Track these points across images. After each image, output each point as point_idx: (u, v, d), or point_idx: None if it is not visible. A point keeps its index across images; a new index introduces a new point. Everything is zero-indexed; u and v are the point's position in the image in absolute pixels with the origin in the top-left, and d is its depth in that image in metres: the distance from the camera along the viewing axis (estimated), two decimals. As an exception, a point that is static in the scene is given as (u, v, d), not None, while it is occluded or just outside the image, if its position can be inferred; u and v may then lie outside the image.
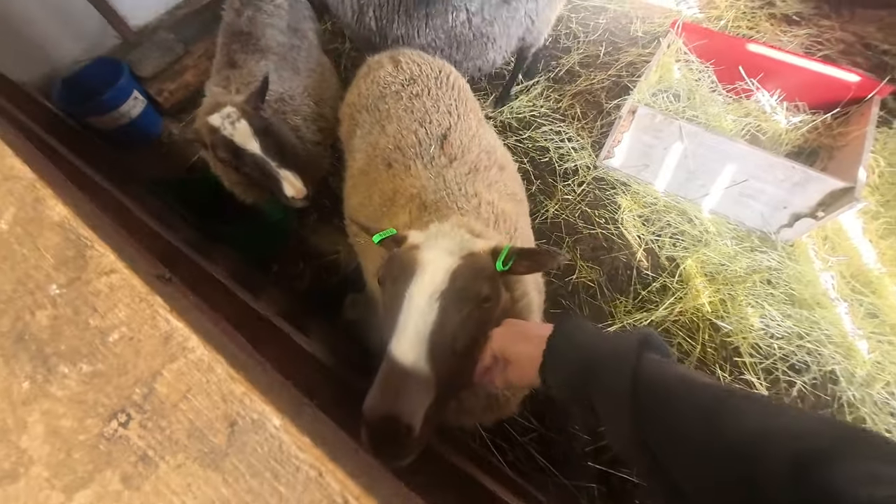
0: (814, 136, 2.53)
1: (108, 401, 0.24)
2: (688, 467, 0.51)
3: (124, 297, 0.27)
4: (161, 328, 0.27)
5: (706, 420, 0.50)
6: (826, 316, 2.16)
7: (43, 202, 0.32)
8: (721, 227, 2.47)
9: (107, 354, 0.25)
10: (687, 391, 0.54)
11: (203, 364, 0.25)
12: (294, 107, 2.07)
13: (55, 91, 2.64)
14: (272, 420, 0.23)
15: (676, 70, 2.74)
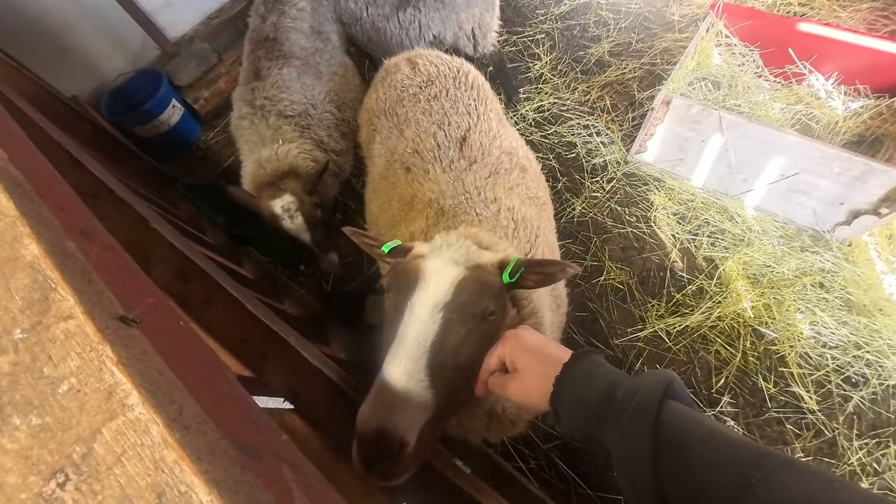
0: (877, 122, 2.26)
1: (51, 458, 0.23)
2: None
3: (77, 346, 0.27)
4: (106, 381, 0.26)
5: (739, 488, 0.44)
6: (889, 324, 1.94)
7: (20, 240, 0.33)
8: (767, 225, 2.28)
9: (55, 407, 0.25)
10: (716, 451, 0.49)
11: (140, 425, 0.24)
12: (317, 118, 2.13)
13: (103, 103, 2.83)
14: (199, 494, 0.22)
15: (717, 55, 2.53)
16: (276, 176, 1.92)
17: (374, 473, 0.64)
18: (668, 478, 0.50)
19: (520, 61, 3.17)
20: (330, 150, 2.15)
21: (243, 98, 2.07)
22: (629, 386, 0.59)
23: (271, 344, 0.79)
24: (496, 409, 0.98)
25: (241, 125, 2.08)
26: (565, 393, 0.65)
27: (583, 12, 3.33)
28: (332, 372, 0.80)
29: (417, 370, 0.69)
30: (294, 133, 2.03)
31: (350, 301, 2.23)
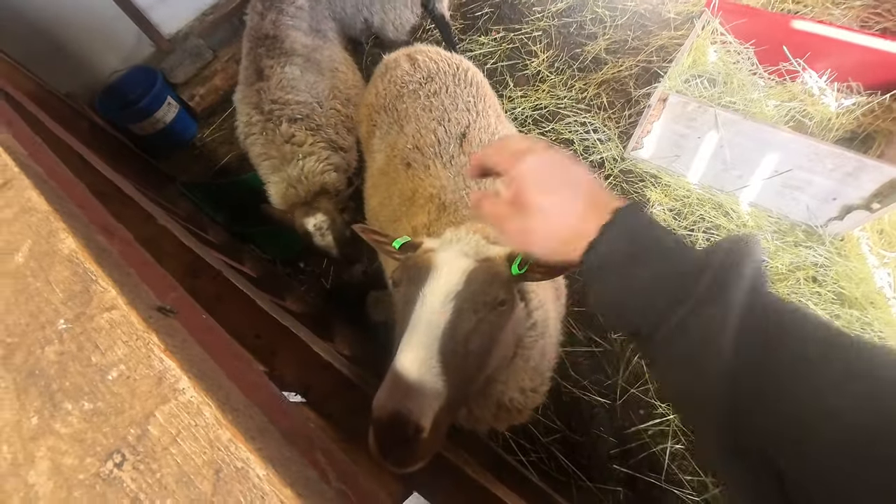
0: (869, 119, 2.31)
1: (106, 440, 0.24)
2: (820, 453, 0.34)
3: (123, 335, 0.28)
4: (155, 367, 0.27)
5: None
6: (881, 317, 1.99)
7: (55, 235, 0.33)
8: (761, 220, 2.32)
9: (105, 393, 0.26)
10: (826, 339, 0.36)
11: (192, 407, 0.25)
12: (324, 116, 2.11)
13: (97, 101, 2.80)
14: (256, 469, 0.23)
15: (712, 53, 2.56)
16: (309, 196, 1.98)
17: (391, 459, 0.65)
18: (754, 376, 0.37)
19: (517, 59, 3.18)
20: (339, 148, 2.15)
21: (249, 101, 2.03)
22: (716, 249, 0.44)
23: (282, 339, 0.80)
24: (504, 400, 1.01)
25: (250, 134, 2.04)
26: (614, 244, 0.48)
27: (579, 10, 3.34)
28: (342, 366, 0.81)
29: (430, 357, 0.70)
30: (307, 137, 2.02)
31: (352, 297, 2.24)
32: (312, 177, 1.98)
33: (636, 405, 2.01)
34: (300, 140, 2.01)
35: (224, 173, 3.01)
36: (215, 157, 3.12)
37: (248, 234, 2.30)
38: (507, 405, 1.03)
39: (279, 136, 1.98)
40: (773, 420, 0.37)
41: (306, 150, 2.01)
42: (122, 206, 0.81)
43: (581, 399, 2.04)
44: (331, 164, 2.06)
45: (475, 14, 3.51)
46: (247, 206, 2.17)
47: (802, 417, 0.35)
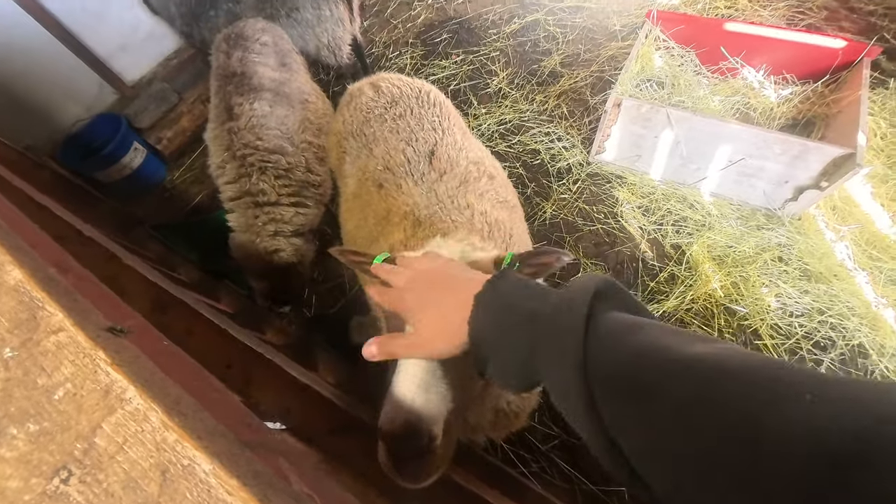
0: (807, 106, 2.48)
1: (52, 458, 0.24)
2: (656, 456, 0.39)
3: (70, 354, 0.28)
4: (102, 381, 0.27)
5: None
6: (845, 287, 2.08)
7: (1, 268, 0.33)
8: (724, 208, 2.43)
9: (52, 412, 0.26)
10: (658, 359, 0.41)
11: (139, 414, 0.25)
12: (295, 156, 2.12)
13: (59, 151, 2.76)
14: (202, 465, 0.23)
15: (657, 58, 2.73)
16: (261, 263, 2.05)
17: (406, 474, 0.62)
18: (604, 398, 0.43)
19: (478, 78, 3.31)
20: (311, 185, 2.17)
21: (221, 141, 2.03)
22: (556, 301, 0.51)
23: (256, 366, 0.79)
24: (501, 405, 1.00)
25: (223, 178, 2.05)
26: (480, 324, 0.56)
27: (532, 29, 3.53)
28: (321, 387, 0.80)
29: (431, 362, 0.67)
30: (276, 188, 2.04)
31: (335, 324, 2.21)
32: (264, 253, 2.03)
33: (629, 401, 2.02)
34: (268, 193, 2.02)
35: (197, 213, 2.98)
36: (187, 197, 3.10)
37: (223, 270, 2.26)
38: (505, 409, 1.03)
39: (249, 189, 2.00)
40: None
41: (265, 220, 2.03)
42: (81, 246, 0.79)
43: (575, 401, 2.04)
44: (286, 245, 2.09)
45: (434, 40, 3.66)
46: (220, 243, 2.15)
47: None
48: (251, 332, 1.17)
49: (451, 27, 3.70)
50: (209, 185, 2.40)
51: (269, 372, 0.78)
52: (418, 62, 3.54)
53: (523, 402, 1.11)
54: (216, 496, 0.22)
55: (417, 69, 3.49)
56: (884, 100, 2.51)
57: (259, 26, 2.31)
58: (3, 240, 0.35)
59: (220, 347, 0.79)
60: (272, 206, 2.04)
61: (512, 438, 1.96)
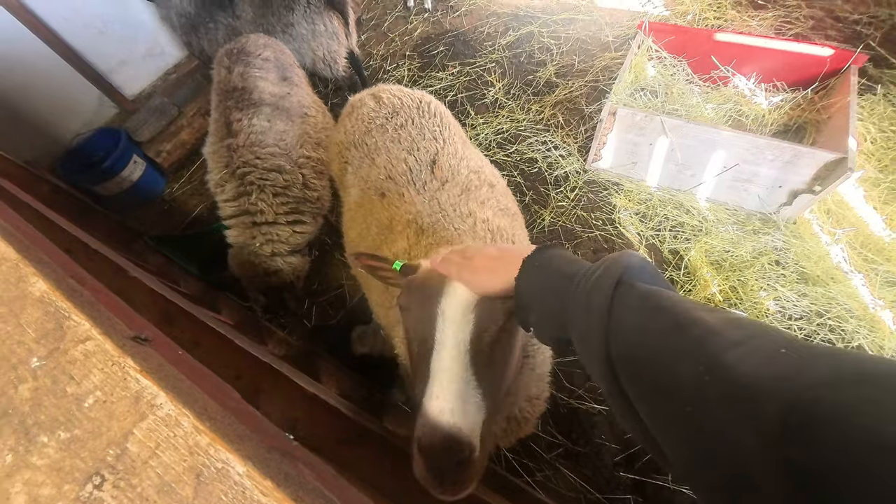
0: (797, 112, 2.54)
1: (84, 465, 0.25)
2: (659, 411, 0.43)
3: (98, 363, 0.29)
4: (132, 388, 0.28)
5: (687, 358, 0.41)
6: (843, 290, 2.10)
7: (26, 280, 0.34)
8: (720, 213, 2.46)
9: (82, 419, 0.26)
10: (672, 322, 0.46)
11: (171, 419, 0.26)
12: (292, 174, 2.13)
13: (59, 165, 2.77)
14: (236, 467, 0.24)
15: (650, 68, 2.79)
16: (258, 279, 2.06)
17: (448, 485, 0.61)
18: (619, 356, 0.48)
19: (475, 89, 3.36)
20: (310, 200, 2.18)
21: (220, 157, 2.04)
22: (590, 267, 0.58)
23: (264, 376, 0.79)
24: (514, 412, 1.00)
25: (222, 196, 2.07)
26: (526, 281, 0.65)
27: (527, 40, 3.60)
28: (328, 397, 0.80)
29: (464, 371, 0.68)
30: (273, 206, 2.05)
31: (336, 334, 2.20)
32: (262, 273, 2.05)
33: (632, 407, 2.01)
34: (266, 213, 2.04)
35: (196, 225, 2.98)
36: (186, 209, 3.10)
37: (223, 282, 2.26)
38: (517, 416, 1.03)
39: (248, 209, 2.01)
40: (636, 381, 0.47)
41: (262, 240, 2.04)
42: (88, 260, 0.80)
43: (579, 409, 2.03)
44: (283, 265, 2.10)
45: (431, 53, 3.72)
46: (220, 255, 2.15)
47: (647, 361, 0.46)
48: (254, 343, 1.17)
49: (448, 40, 3.77)
50: (208, 198, 2.41)
51: (278, 382, 0.78)
52: (415, 74, 3.59)
53: (532, 408, 1.11)
54: (251, 497, 0.22)
55: (415, 81, 3.54)
56: (872, 105, 2.57)
57: (261, 42, 2.34)
58: (25, 252, 0.36)
59: (228, 358, 0.79)
60: (269, 225, 2.05)
61: (516, 447, 1.95)
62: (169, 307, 0.82)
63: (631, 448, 1.91)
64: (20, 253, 0.36)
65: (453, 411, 0.62)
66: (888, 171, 2.39)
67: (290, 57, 2.48)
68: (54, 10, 2.66)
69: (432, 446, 0.60)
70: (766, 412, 0.33)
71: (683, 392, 0.40)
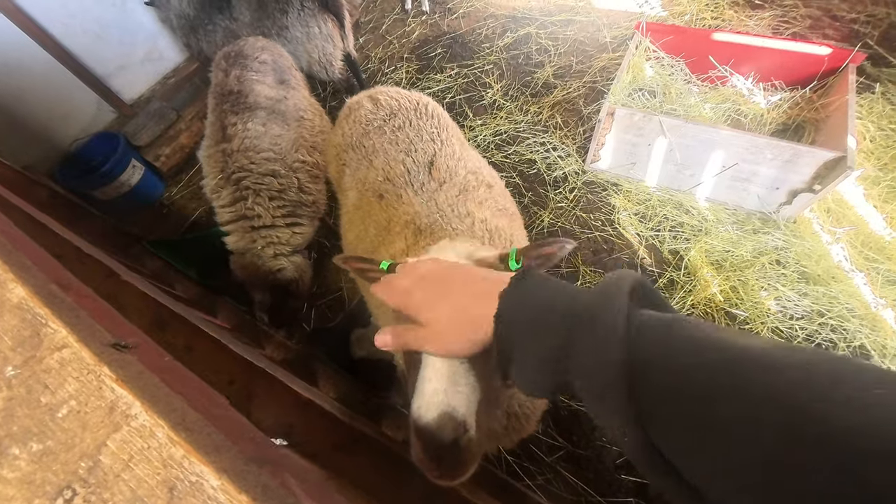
0: (796, 111, 2.53)
1: (56, 478, 0.24)
2: (711, 466, 0.36)
3: (74, 371, 0.28)
4: (107, 398, 0.27)
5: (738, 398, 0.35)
6: (844, 289, 2.09)
7: (3, 286, 0.33)
8: (719, 213, 2.45)
9: (55, 430, 0.25)
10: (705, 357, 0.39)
11: (145, 430, 0.25)
12: (287, 178, 2.12)
13: (58, 170, 2.77)
14: (210, 480, 0.23)
15: (648, 68, 2.79)
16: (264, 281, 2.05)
17: (444, 468, 0.60)
18: (650, 406, 0.40)
19: (473, 91, 3.36)
20: (306, 204, 2.18)
21: (215, 162, 2.04)
22: (592, 298, 0.49)
23: (258, 381, 0.78)
24: (514, 407, 0.99)
25: (218, 201, 2.06)
26: (511, 318, 0.53)
27: (524, 42, 3.60)
28: (324, 402, 0.79)
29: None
30: (270, 210, 2.05)
31: (334, 338, 2.19)
32: (267, 272, 2.04)
33: (633, 409, 2.00)
34: (263, 217, 2.03)
35: (195, 229, 2.98)
36: (185, 213, 3.10)
37: (221, 286, 2.25)
38: (517, 412, 1.02)
39: (244, 206, 2.00)
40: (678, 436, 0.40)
41: (263, 243, 2.03)
42: (80, 264, 0.79)
43: (579, 411, 2.02)
44: (288, 263, 2.10)
45: (429, 55, 3.72)
46: (218, 259, 2.14)
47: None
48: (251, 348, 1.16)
49: (445, 42, 3.77)
50: (207, 202, 2.41)
51: (272, 387, 0.77)
52: (413, 76, 3.60)
53: (533, 405, 1.10)
54: (225, 512, 0.21)
55: (413, 83, 3.54)
56: (870, 104, 2.56)
57: (259, 45, 2.34)
58: (6, 258, 0.35)
59: (222, 363, 0.78)
60: (268, 228, 2.05)
61: (517, 450, 1.94)
62: (161, 311, 0.81)
63: (632, 450, 1.89)
64: (2, 258, 0.35)
65: (446, 391, 0.62)
66: (888, 169, 2.38)
67: (287, 60, 2.48)
68: (52, 15, 2.66)
69: (427, 426, 0.60)
70: (870, 475, 0.28)
71: (752, 443, 0.33)
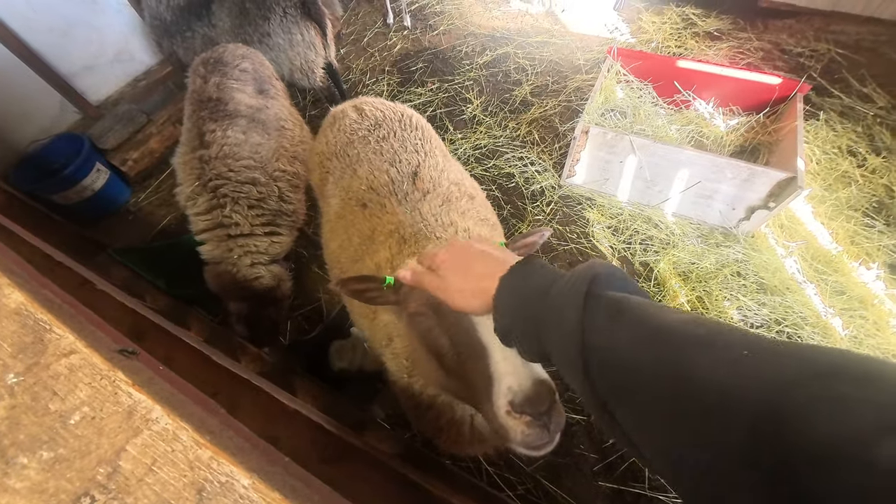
0: (751, 135, 2.74)
1: (71, 486, 0.23)
2: (640, 413, 0.44)
3: (85, 377, 0.27)
4: (123, 403, 0.26)
5: (667, 367, 0.42)
6: (798, 299, 2.25)
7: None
8: (685, 228, 2.59)
9: (68, 438, 0.25)
10: (649, 334, 0.46)
11: (168, 434, 0.25)
12: (267, 187, 2.08)
13: (13, 172, 2.60)
14: (241, 480, 0.23)
15: (619, 90, 2.95)
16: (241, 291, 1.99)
17: (553, 424, 0.69)
18: (598, 368, 0.48)
19: (454, 105, 3.43)
20: (285, 213, 2.14)
21: (192, 169, 1.96)
22: (562, 281, 0.58)
23: (242, 392, 0.75)
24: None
25: (194, 209, 1.98)
26: (507, 293, 0.64)
27: (503, 61, 3.73)
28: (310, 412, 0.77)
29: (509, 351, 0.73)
30: (248, 218, 1.99)
31: (313, 350, 2.14)
32: (244, 281, 1.98)
33: (609, 417, 2.05)
34: (241, 225, 1.98)
35: (163, 236, 2.85)
36: (153, 220, 2.97)
37: (192, 296, 2.16)
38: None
39: (221, 214, 1.94)
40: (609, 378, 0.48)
41: (240, 252, 1.98)
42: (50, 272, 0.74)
43: (557, 419, 2.05)
44: (265, 272, 2.05)
45: (410, 69, 3.79)
46: (189, 268, 2.06)
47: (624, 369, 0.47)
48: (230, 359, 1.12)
49: (427, 57, 3.85)
50: (177, 209, 2.32)
51: (257, 398, 0.75)
52: (395, 89, 3.64)
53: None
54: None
55: (394, 95, 3.58)
56: (816, 130, 2.81)
57: (239, 52, 2.31)
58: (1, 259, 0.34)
59: (204, 374, 0.75)
60: (246, 237, 1.99)
61: (497, 461, 1.94)
62: (139, 321, 0.78)
63: (609, 457, 1.94)
64: (-9, 263, 0.34)
65: (527, 365, 0.70)
66: (832, 189, 2.61)
67: (268, 69, 2.46)
68: (13, 9, 2.53)
69: (539, 393, 0.67)
70: (738, 425, 0.35)
71: (663, 404, 0.41)
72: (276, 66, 2.70)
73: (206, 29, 2.69)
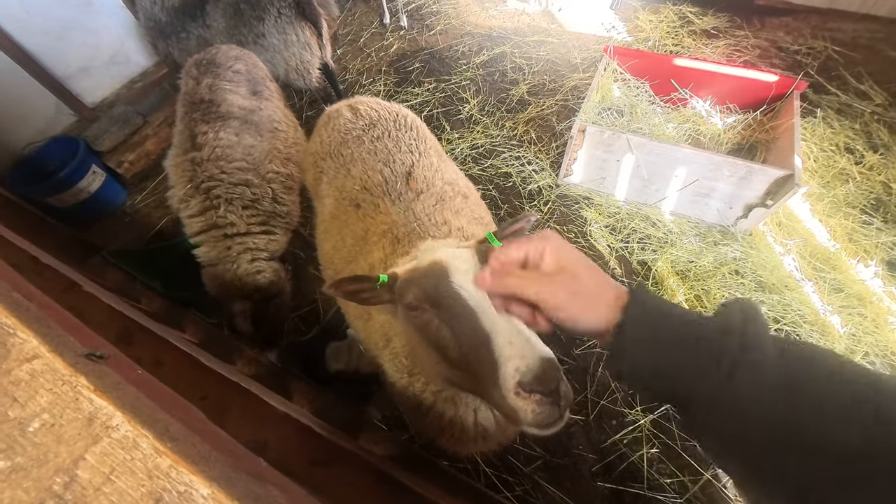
0: (749, 132, 2.73)
1: (27, 496, 0.22)
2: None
3: (46, 383, 0.26)
4: (84, 409, 0.25)
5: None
6: (796, 297, 2.24)
7: (-37, 295, 0.31)
8: (683, 226, 2.58)
9: (26, 446, 0.24)
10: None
11: (128, 441, 0.24)
12: (261, 188, 2.07)
13: (8, 175, 2.59)
14: (200, 490, 0.22)
15: (616, 89, 2.94)
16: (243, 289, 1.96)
17: (563, 405, 0.67)
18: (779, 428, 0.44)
19: (451, 105, 3.42)
20: (279, 215, 2.13)
21: (183, 171, 1.94)
22: (713, 325, 0.52)
23: (232, 396, 0.74)
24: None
25: (187, 211, 1.97)
26: (636, 322, 0.56)
27: (500, 60, 3.72)
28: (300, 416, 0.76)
29: (516, 322, 0.72)
30: (243, 217, 1.98)
31: (308, 352, 2.13)
32: (246, 277, 1.96)
33: (608, 416, 2.04)
34: (237, 225, 1.96)
35: (159, 239, 2.84)
36: (149, 222, 2.96)
37: (188, 299, 2.15)
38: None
39: (215, 215, 1.92)
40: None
41: (239, 249, 1.96)
42: (37, 275, 0.73)
43: (555, 420, 2.04)
44: (266, 267, 2.03)
45: (407, 69, 3.78)
46: (185, 270, 2.05)
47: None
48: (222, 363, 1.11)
49: (423, 57, 3.84)
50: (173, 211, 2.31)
51: (247, 402, 0.74)
52: (392, 89, 3.63)
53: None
54: (217, 521, 0.20)
55: (391, 95, 3.57)
56: (813, 127, 2.80)
57: (233, 54, 2.30)
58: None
59: (194, 378, 0.74)
60: (243, 236, 1.98)
61: (495, 462, 1.93)
62: (128, 325, 0.77)
63: (607, 457, 1.93)
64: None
65: (534, 342, 0.70)
66: (829, 186, 2.60)
67: (262, 70, 2.45)
68: (7, 11, 2.52)
69: (547, 369, 0.66)
70: None
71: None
72: (272, 66, 2.69)
73: (200, 30, 2.68)
